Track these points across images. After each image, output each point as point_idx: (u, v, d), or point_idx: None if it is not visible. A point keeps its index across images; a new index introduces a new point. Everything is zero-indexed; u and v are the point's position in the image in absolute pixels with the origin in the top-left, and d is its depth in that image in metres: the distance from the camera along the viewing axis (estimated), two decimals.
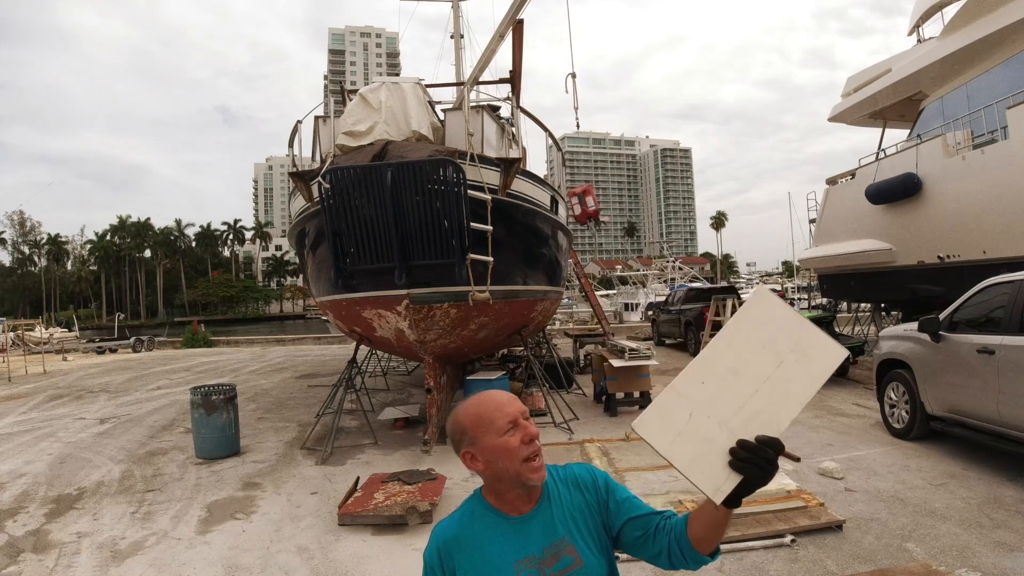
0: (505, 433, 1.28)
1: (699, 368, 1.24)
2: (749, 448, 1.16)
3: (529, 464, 1.28)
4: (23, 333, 26.35)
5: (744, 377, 1.22)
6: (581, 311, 33.42)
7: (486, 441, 1.28)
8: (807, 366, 1.23)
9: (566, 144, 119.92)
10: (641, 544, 1.36)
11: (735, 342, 1.25)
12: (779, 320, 1.25)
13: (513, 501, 1.33)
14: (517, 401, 1.34)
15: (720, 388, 1.21)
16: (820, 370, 1.24)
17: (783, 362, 1.23)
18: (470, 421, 1.31)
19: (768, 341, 1.24)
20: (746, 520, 4.40)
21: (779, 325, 1.25)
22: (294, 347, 24.03)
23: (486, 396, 1.35)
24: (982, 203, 9.96)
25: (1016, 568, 3.69)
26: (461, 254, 6.50)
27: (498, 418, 1.28)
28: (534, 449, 1.28)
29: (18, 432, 9.09)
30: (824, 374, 1.23)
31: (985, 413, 5.37)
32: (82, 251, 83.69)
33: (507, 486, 1.32)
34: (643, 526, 1.36)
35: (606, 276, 61.05)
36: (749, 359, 1.23)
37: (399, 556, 4.32)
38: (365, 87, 7.61)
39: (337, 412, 7.60)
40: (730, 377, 1.22)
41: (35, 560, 4.46)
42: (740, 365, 1.23)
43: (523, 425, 1.29)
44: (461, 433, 1.32)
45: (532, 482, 1.29)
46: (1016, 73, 10.43)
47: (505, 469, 1.29)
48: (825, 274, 16.27)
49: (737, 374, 1.22)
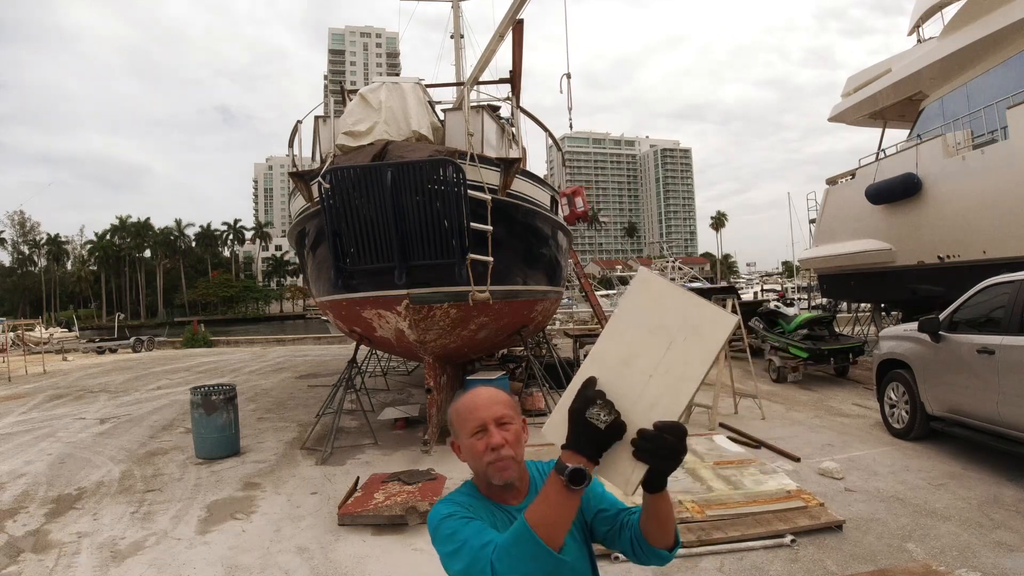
0: (473, 436, 1.32)
1: (591, 365, 1.21)
2: (648, 437, 1.13)
3: (492, 466, 1.31)
4: (23, 333, 26.35)
5: (636, 366, 1.19)
6: (581, 311, 33.39)
7: (462, 438, 1.36)
8: (699, 342, 1.18)
9: (566, 144, 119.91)
10: (610, 538, 1.40)
11: (623, 332, 1.22)
12: (664, 300, 1.21)
13: (499, 492, 1.37)
14: (499, 404, 1.35)
15: (615, 382, 1.18)
16: (712, 343, 1.18)
17: (672, 342, 1.19)
18: (454, 416, 1.39)
19: (657, 325, 1.20)
20: (746, 520, 4.40)
21: (665, 306, 1.21)
22: (294, 347, 24.03)
23: (471, 395, 1.39)
24: (982, 203, 9.97)
25: (1016, 568, 3.69)
26: (461, 254, 6.50)
27: (469, 420, 1.33)
28: (496, 457, 1.30)
29: (18, 432, 9.09)
30: (716, 346, 1.18)
31: (985, 413, 5.38)
32: (82, 251, 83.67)
33: (482, 480, 1.37)
34: (610, 521, 1.41)
35: (606, 276, 61.01)
36: (639, 347, 1.20)
37: (399, 556, 4.32)
38: (365, 87, 7.62)
39: (337, 412, 7.60)
40: (623, 369, 1.19)
41: (35, 560, 4.46)
42: (631, 355, 1.20)
43: (491, 432, 1.31)
44: (449, 424, 1.41)
45: (495, 481, 1.33)
46: (1016, 73, 10.43)
47: (475, 466, 1.35)
48: (825, 274, 16.28)
49: (629, 365, 1.19)
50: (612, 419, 1.12)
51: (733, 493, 4.87)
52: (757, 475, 5.27)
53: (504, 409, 1.34)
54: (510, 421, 1.34)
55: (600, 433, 1.11)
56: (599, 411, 1.11)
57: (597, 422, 1.11)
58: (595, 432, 1.12)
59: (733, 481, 5.15)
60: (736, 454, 6.06)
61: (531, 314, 9.01)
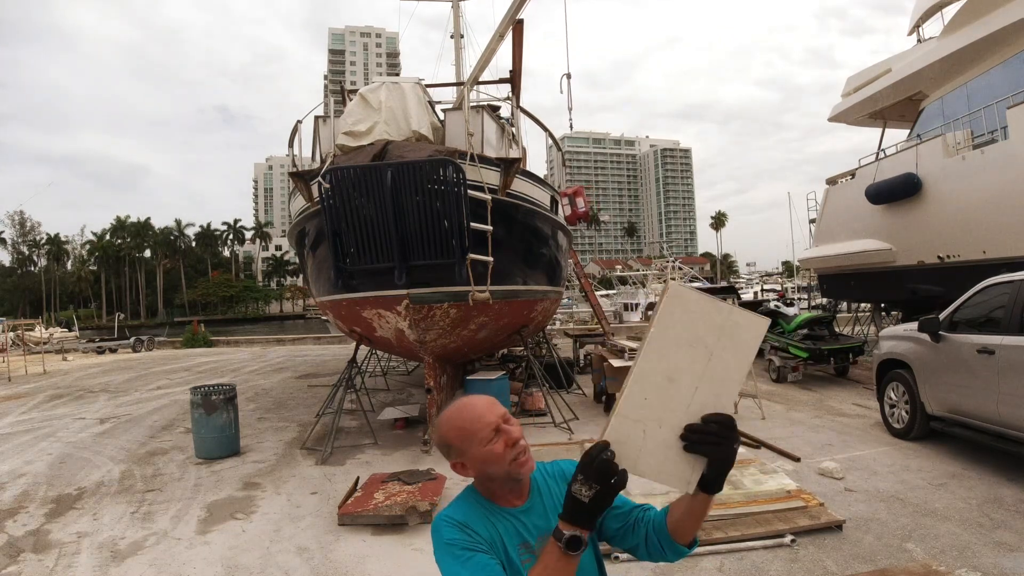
0: (489, 442, 1.31)
1: (637, 387, 1.25)
2: (695, 429, 1.22)
3: (516, 462, 1.32)
4: (23, 333, 26.36)
5: (681, 380, 1.24)
6: (581, 311, 33.40)
7: (473, 452, 1.32)
8: (735, 347, 1.26)
9: (566, 144, 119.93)
10: (621, 535, 1.42)
11: (663, 350, 1.25)
12: (697, 312, 1.25)
13: (506, 496, 1.37)
14: (495, 405, 1.36)
15: (663, 398, 1.23)
16: (748, 346, 1.26)
17: (713, 353, 1.25)
18: (454, 436, 1.34)
19: (694, 338, 1.25)
20: (746, 520, 4.40)
21: (698, 317, 1.25)
22: (294, 347, 24.03)
23: (465, 407, 1.36)
24: (982, 203, 9.96)
25: (1016, 568, 3.69)
26: (461, 254, 6.50)
27: (479, 429, 1.31)
28: (519, 450, 1.32)
29: (18, 432, 9.09)
30: (752, 348, 1.26)
31: (985, 413, 5.37)
32: (82, 251, 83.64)
33: (498, 484, 1.36)
34: (623, 518, 1.43)
35: (606, 276, 61.04)
36: (681, 361, 1.24)
37: (399, 556, 4.32)
38: (365, 87, 7.62)
39: (337, 412, 7.60)
40: (668, 385, 1.23)
41: (35, 560, 4.46)
42: (674, 371, 1.24)
43: (505, 430, 1.31)
44: (448, 447, 1.36)
45: (522, 476, 1.34)
46: (1016, 73, 10.43)
47: (495, 472, 1.34)
48: (825, 274, 16.28)
49: (674, 380, 1.24)
50: (594, 493, 1.15)
51: (733, 493, 4.87)
52: (757, 475, 5.26)
53: (501, 408, 1.36)
54: (509, 417, 1.36)
55: (584, 506, 1.15)
56: (580, 487, 1.15)
57: (580, 497, 1.15)
58: (580, 506, 1.15)
59: (733, 481, 5.14)
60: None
61: (531, 314, 9.01)
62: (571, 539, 1.16)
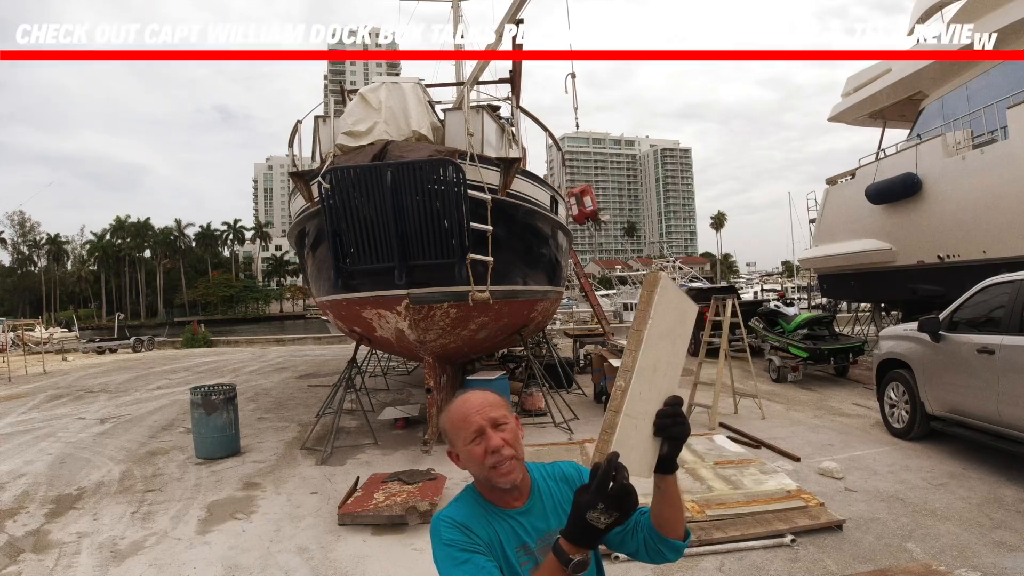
0: (471, 443, 1.31)
1: (638, 383, 1.24)
2: (667, 413, 1.24)
3: (495, 470, 1.31)
4: (23, 333, 26.34)
5: (660, 370, 1.28)
6: (581, 311, 33.40)
7: (459, 447, 1.35)
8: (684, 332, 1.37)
9: (566, 144, 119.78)
10: (621, 540, 1.40)
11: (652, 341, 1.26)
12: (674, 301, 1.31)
13: (503, 496, 1.36)
14: (490, 406, 1.34)
15: (651, 390, 1.25)
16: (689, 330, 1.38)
17: (676, 339, 1.33)
18: (448, 426, 1.38)
19: (670, 327, 1.31)
20: (746, 520, 4.40)
21: (673, 306, 1.31)
22: (294, 347, 24.03)
23: (461, 402, 1.37)
24: (982, 203, 9.97)
25: (1016, 568, 3.69)
26: (461, 254, 6.50)
27: (463, 428, 1.33)
28: (497, 459, 1.30)
29: (18, 432, 9.09)
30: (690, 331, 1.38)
31: (985, 413, 5.37)
32: (82, 251, 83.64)
33: (485, 485, 1.37)
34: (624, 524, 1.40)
35: (606, 276, 61.06)
36: (662, 351, 1.28)
37: (399, 556, 4.32)
38: (365, 87, 7.62)
39: (337, 412, 7.60)
40: (653, 376, 1.26)
41: (35, 560, 4.46)
42: (657, 361, 1.27)
43: (488, 436, 1.31)
44: (445, 435, 1.41)
45: (499, 485, 1.33)
46: (1016, 73, 10.43)
47: (476, 472, 1.35)
48: (825, 274, 16.28)
49: (657, 371, 1.27)
50: (613, 520, 1.10)
51: (733, 493, 4.87)
52: (757, 475, 5.27)
53: (497, 411, 1.33)
54: (505, 421, 1.33)
55: (600, 532, 1.11)
56: (599, 515, 1.09)
57: (597, 524, 1.10)
58: (595, 533, 1.11)
59: (733, 481, 5.15)
60: (736, 454, 6.06)
61: (531, 314, 9.01)
62: (578, 564, 1.12)
